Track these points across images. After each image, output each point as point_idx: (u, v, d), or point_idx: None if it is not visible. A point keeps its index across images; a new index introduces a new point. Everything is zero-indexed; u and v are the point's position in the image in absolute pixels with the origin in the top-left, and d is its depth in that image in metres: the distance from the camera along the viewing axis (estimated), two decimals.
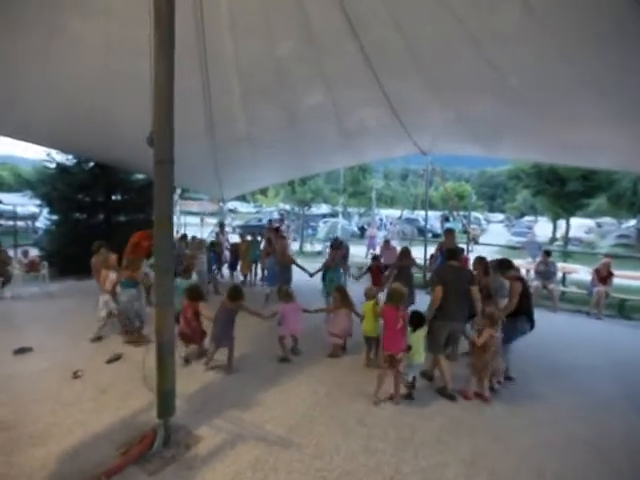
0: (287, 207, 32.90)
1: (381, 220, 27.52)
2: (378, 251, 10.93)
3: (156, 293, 2.90)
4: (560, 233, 22.35)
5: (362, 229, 19.12)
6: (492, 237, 24.88)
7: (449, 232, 7.42)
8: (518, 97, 4.75)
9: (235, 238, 12.09)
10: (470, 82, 4.85)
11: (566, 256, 14.81)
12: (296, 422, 3.36)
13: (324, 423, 3.35)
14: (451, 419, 3.51)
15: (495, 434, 3.30)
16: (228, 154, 8.34)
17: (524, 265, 9.75)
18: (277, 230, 9.72)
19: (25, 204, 18.30)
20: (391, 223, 25.17)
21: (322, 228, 23.07)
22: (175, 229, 14.22)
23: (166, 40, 2.63)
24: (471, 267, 8.60)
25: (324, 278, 6.71)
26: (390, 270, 6.70)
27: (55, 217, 10.43)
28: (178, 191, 14.53)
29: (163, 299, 2.86)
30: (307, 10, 4.44)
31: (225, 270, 9.92)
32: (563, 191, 17.12)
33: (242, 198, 36.61)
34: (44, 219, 12.99)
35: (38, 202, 10.71)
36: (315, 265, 7.51)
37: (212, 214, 20.85)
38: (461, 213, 16.34)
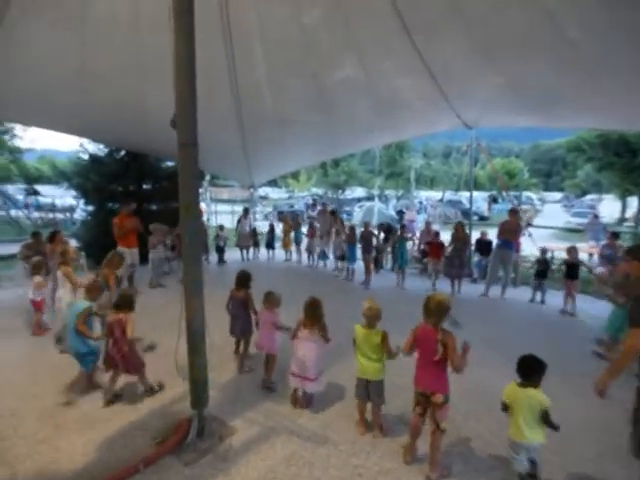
0: (320, 191, 32.87)
1: (421, 203, 26.76)
2: (418, 235, 10.65)
3: (185, 281, 2.96)
4: (631, 212, 20.64)
5: (400, 213, 18.70)
6: (548, 219, 23.46)
7: (513, 212, 7.42)
8: (579, 53, 4.32)
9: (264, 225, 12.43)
10: (523, 39, 4.48)
11: (637, 238, 13.66)
12: (331, 418, 3.35)
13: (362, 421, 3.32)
14: None
15: None
16: (256, 136, 8.37)
17: (586, 249, 9.13)
18: (333, 213, 10.46)
19: (63, 196, 19.65)
20: (432, 206, 24.40)
21: (357, 213, 22.85)
22: (206, 217, 14.73)
23: (185, 14, 2.60)
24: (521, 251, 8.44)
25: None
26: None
27: (90, 208, 11.08)
28: (207, 177, 14.88)
29: (192, 287, 2.92)
30: None
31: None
32: (634, 163, 15.66)
33: (273, 183, 37.03)
34: (81, 210, 13.87)
35: (74, 193, 11.40)
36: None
37: (243, 201, 21.23)
38: (511, 193, 15.48)
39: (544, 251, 7.41)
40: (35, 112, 7.31)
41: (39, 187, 29.03)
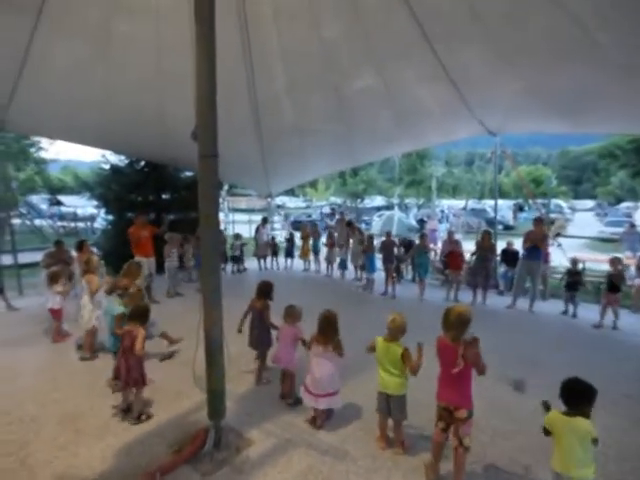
0: (338, 200, 32.97)
1: (442, 212, 26.46)
2: (440, 245, 10.54)
3: (204, 291, 3.05)
4: None
5: (421, 222, 18.55)
6: (579, 228, 22.78)
7: (537, 221, 7.31)
8: (608, 56, 4.28)
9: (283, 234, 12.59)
10: (548, 44, 4.46)
11: None
12: (350, 432, 3.35)
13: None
14: None
15: None
16: (275, 146, 8.55)
17: (623, 260, 8.81)
18: (349, 224, 10.58)
19: (84, 205, 20.42)
20: (454, 215, 24.09)
21: (376, 222, 22.77)
22: (223, 226, 15.02)
23: (207, 31, 2.73)
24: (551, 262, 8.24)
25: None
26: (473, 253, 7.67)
27: (110, 217, 11.50)
28: (225, 187, 15.20)
29: (211, 297, 3.00)
30: None
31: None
32: None
33: (291, 192, 37.40)
34: (101, 220, 14.39)
35: (96, 203, 11.88)
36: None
37: (261, 210, 21.52)
38: (538, 201, 15.15)
39: (575, 262, 7.21)
40: (60, 126, 7.72)
41: (62, 197, 30.33)
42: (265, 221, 11.69)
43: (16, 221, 10.64)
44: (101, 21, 5.06)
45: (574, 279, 6.98)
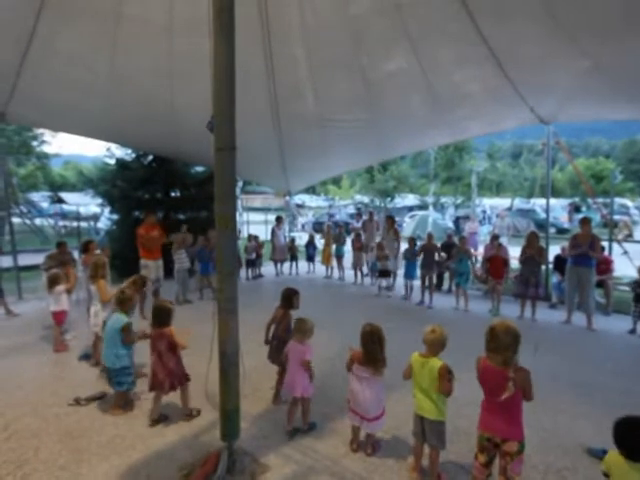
0: (365, 199, 32.84)
1: (484, 212, 25.96)
2: (481, 250, 10.36)
3: (219, 300, 3.10)
4: None
5: (456, 221, 18.24)
6: None
7: (585, 221, 7.16)
8: None
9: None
10: (618, 12, 4.29)
11: None
12: (380, 460, 3.32)
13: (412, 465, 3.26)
14: None
15: None
16: (295, 139, 8.62)
17: None
18: (390, 218, 10.60)
19: (88, 203, 21.13)
20: (498, 215, 23.58)
21: (408, 223, 22.61)
22: (237, 227, 15.20)
23: (225, 12, 2.79)
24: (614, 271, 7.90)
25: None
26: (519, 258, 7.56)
27: (115, 216, 11.86)
28: (240, 184, 15.44)
29: (226, 306, 3.05)
30: None
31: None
32: None
33: (311, 190, 37.56)
34: (105, 219, 14.87)
35: (99, 201, 12.27)
36: None
37: (277, 209, 21.70)
38: (599, 200, 14.64)
39: None
40: (64, 117, 8.05)
41: (64, 194, 31.51)
42: (279, 220, 11.72)
43: (16, 220, 11.12)
44: (108, 2, 5.23)
45: None
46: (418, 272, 8.76)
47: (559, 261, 8.47)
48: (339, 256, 11.07)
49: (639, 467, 2.08)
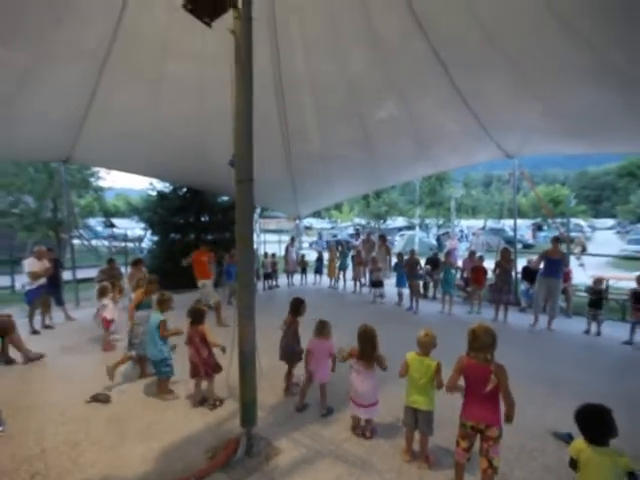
0: (362, 222, 32.91)
1: (462, 231, 25.83)
2: (460, 264, 10.24)
3: (238, 307, 3.07)
4: None
5: (439, 239, 18.25)
6: (599, 246, 21.56)
7: (556, 240, 6.99)
8: (625, 77, 4.13)
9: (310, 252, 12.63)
10: (563, 67, 4.37)
11: None
12: (377, 445, 3.21)
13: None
14: None
15: None
16: (303, 172, 8.71)
17: None
18: (382, 237, 10.84)
19: (134, 227, 21.34)
20: (474, 234, 23.47)
21: (399, 241, 22.53)
22: (255, 246, 15.29)
23: (245, 70, 2.85)
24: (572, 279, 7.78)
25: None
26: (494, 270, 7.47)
27: (156, 238, 11.95)
28: (258, 210, 15.58)
29: (245, 312, 3.02)
30: (374, 19, 4.50)
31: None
32: None
33: (317, 214, 37.70)
34: (147, 240, 14.98)
35: (143, 225, 12.39)
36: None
37: (289, 231, 21.73)
38: (558, 220, 14.51)
39: (599, 281, 6.76)
40: (116, 158, 8.23)
41: (115, 220, 31.89)
42: (293, 240, 11.81)
43: (76, 241, 11.24)
44: (154, 66, 5.42)
45: (597, 297, 6.55)
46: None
47: (527, 271, 8.34)
48: (343, 269, 10.98)
49: (602, 451, 1.99)
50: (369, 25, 4.67)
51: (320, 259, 11.83)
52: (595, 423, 2.03)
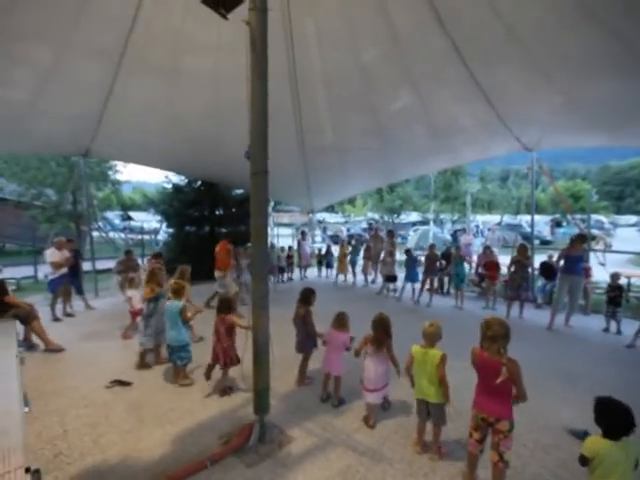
0: (376, 216, 32.68)
1: (477, 227, 25.37)
2: (475, 259, 10.11)
3: (252, 297, 3.12)
4: None
5: (454, 234, 18.05)
6: (621, 243, 20.90)
7: (578, 238, 6.74)
8: None
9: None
10: (586, 58, 4.23)
11: None
12: (388, 436, 3.24)
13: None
14: None
15: None
16: (317, 165, 8.69)
17: None
18: (390, 233, 10.88)
19: (150, 220, 21.72)
20: (490, 229, 23.06)
21: (412, 236, 22.31)
22: (269, 240, 15.42)
23: (260, 61, 2.87)
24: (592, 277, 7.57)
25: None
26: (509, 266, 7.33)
27: (171, 230, 12.17)
28: (271, 204, 15.65)
29: (259, 303, 3.06)
30: (391, 12, 4.43)
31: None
32: None
33: (330, 209, 37.59)
34: (163, 232, 15.25)
35: (159, 218, 12.60)
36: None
37: (302, 225, 21.77)
38: (577, 216, 14.11)
39: (615, 276, 6.56)
40: (133, 151, 8.39)
41: (132, 213, 32.52)
42: (304, 234, 11.81)
43: (95, 234, 11.54)
44: (170, 60, 5.48)
45: (615, 294, 6.38)
46: (420, 277, 8.58)
47: (545, 267, 8.17)
48: (353, 263, 10.96)
49: (618, 444, 1.97)
50: (387, 19, 4.61)
51: (329, 252, 11.80)
52: (614, 417, 2.01)
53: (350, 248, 11.11)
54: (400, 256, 10.41)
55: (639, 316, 5.90)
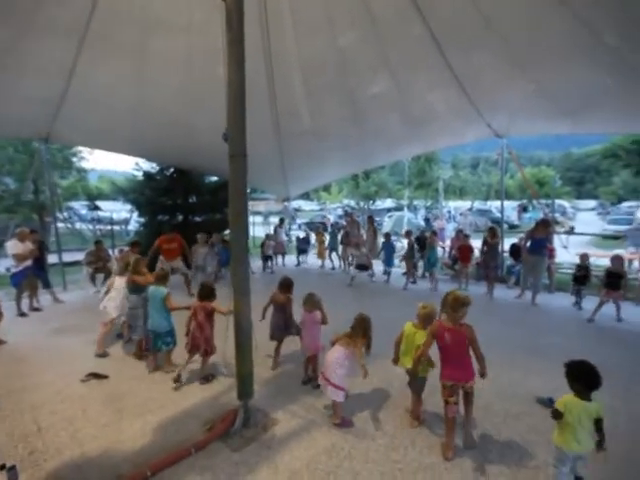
0: (351, 203, 32.82)
1: (449, 212, 26.09)
2: (448, 243, 10.40)
3: (233, 282, 3.08)
4: None
5: (426, 220, 18.55)
6: (582, 226, 22.11)
7: (542, 223, 7.11)
8: (616, 57, 4.16)
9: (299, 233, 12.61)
10: (557, 47, 4.36)
11: None
12: (370, 414, 3.33)
13: (399, 416, 3.28)
14: None
15: None
16: (293, 151, 8.58)
17: (627, 255, 8.57)
18: (370, 218, 11.09)
19: (119, 210, 20.88)
20: (462, 214, 23.76)
21: (387, 222, 22.59)
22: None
23: (237, 44, 2.77)
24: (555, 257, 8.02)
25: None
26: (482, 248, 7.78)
27: (143, 220, 11.73)
28: (247, 191, 15.38)
29: (240, 288, 3.03)
30: None
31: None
32: None
33: (306, 196, 37.43)
34: (134, 222, 14.72)
35: (129, 207, 12.11)
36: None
37: (277, 213, 21.61)
38: (542, 201, 14.76)
39: (585, 257, 6.98)
40: (99, 136, 7.94)
41: (99, 202, 31.04)
42: (282, 221, 11.79)
43: (60, 224, 10.96)
44: (138, 39, 5.18)
45: (582, 273, 6.80)
46: (395, 261, 8.79)
47: (515, 249, 8.52)
48: (332, 249, 11.00)
49: (588, 404, 2.22)
50: (365, 2, 4.54)
51: (305, 239, 11.80)
52: (583, 376, 2.24)
53: (328, 236, 11.13)
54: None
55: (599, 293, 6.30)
